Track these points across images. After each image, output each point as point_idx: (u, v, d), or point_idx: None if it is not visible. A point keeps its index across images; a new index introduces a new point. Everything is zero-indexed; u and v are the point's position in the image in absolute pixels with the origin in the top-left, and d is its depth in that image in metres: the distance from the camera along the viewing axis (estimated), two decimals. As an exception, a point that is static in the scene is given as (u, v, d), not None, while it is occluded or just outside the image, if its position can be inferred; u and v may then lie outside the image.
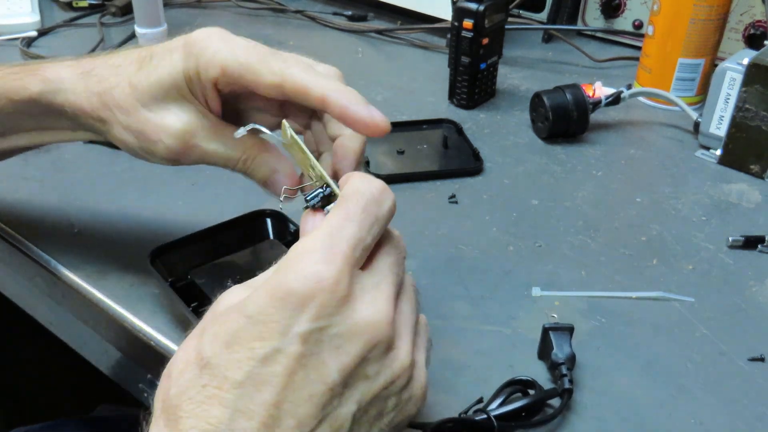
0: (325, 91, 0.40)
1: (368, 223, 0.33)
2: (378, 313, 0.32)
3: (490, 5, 0.72)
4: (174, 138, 0.41)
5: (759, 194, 0.63)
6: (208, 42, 0.41)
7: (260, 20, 1.01)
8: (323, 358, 0.31)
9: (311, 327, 0.30)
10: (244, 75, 0.40)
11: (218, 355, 0.30)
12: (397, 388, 0.33)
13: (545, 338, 0.44)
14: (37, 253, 0.54)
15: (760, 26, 0.81)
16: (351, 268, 0.32)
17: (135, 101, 0.42)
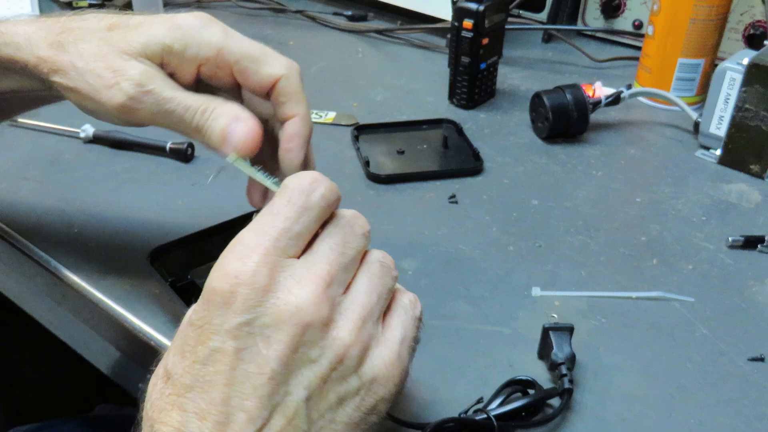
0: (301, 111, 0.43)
1: (294, 213, 0.34)
2: (302, 296, 0.32)
3: (490, 5, 0.72)
4: (131, 81, 0.40)
5: (759, 194, 0.63)
6: (204, 23, 0.41)
7: (260, 20, 1.01)
8: (258, 349, 0.31)
9: (238, 321, 0.31)
10: (241, 61, 0.41)
11: (175, 365, 0.32)
12: (349, 368, 0.33)
13: (545, 338, 0.44)
14: (37, 253, 0.54)
15: (760, 26, 0.81)
16: (273, 259, 0.33)
17: (98, 51, 0.40)
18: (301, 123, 0.42)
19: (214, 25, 0.41)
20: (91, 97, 0.41)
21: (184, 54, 0.40)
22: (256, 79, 0.41)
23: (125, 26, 0.41)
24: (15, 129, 0.70)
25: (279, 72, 0.41)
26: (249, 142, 0.40)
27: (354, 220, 0.37)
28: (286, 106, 0.42)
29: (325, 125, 0.73)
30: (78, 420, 0.70)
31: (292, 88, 0.42)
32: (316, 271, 0.33)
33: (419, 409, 0.42)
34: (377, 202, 0.61)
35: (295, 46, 0.93)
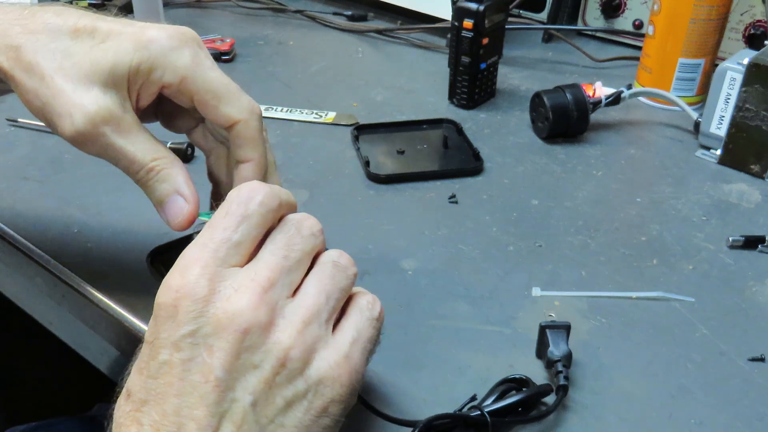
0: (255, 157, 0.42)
1: (233, 224, 0.34)
2: (239, 302, 0.33)
3: (490, 5, 0.72)
4: (84, 118, 0.38)
5: (759, 194, 0.63)
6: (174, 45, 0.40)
7: (260, 20, 1.01)
8: (203, 358, 0.32)
9: (182, 333, 0.32)
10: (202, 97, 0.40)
11: (134, 382, 0.33)
12: (293, 371, 0.33)
13: (542, 336, 0.44)
14: (37, 253, 0.54)
15: (760, 26, 0.81)
16: (212, 270, 0.33)
17: (58, 68, 0.38)
18: (254, 169, 0.43)
19: (184, 48, 0.40)
20: (47, 118, 0.39)
21: (149, 76, 0.40)
22: (215, 117, 0.41)
23: (91, 35, 0.39)
24: (15, 129, 0.70)
25: (238, 116, 0.41)
26: (183, 223, 0.41)
27: (301, 222, 0.36)
28: (241, 149, 0.42)
29: (325, 125, 0.73)
30: (76, 419, 0.70)
31: (249, 134, 0.42)
32: (255, 277, 0.33)
33: (419, 408, 0.42)
34: (377, 202, 0.61)
35: (295, 46, 0.93)
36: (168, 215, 0.41)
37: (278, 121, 0.73)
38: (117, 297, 0.49)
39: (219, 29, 0.96)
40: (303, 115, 0.74)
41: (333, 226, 0.39)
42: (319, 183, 0.63)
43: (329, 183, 0.64)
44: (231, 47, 0.87)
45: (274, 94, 0.80)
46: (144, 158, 0.40)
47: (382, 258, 0.40)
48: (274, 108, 0.75)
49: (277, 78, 0.83)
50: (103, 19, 0.40)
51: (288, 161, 0.66)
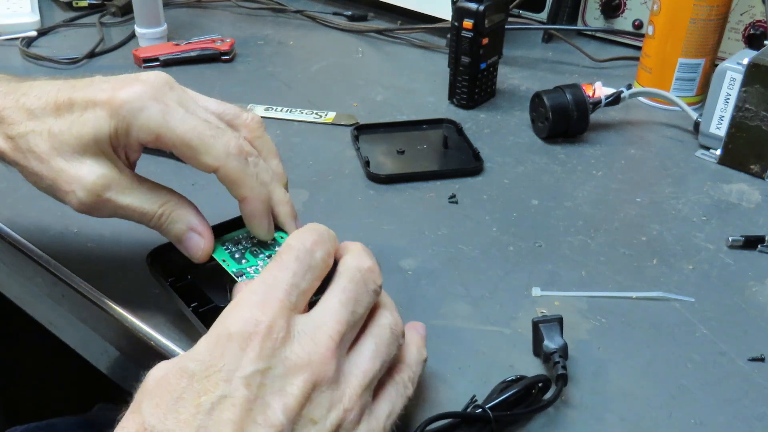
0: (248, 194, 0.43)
1: (301, 271, 0.35)
2: (316, 352, 0.32)
3: (490, 5, 0.72)
4: (87, 191, 0.41)
5: (759, 194, 0.63)
6: (142, 105, 0.41)
7: (260, 20, 1.01)
8: (267, 400, 0.31)
9: (253, 369, 0.31)
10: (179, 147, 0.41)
11: (163, 421, 0.30)
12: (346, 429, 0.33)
13: (536, 332, 0.44)
14: (37, 253, 0.54)
15: (760, 26, 0.81)
16: (287, 311, 0.33)
17: (51, 149, 0.41)
18: (251, 204, 0.43)
19: (153, 105, 0.41)
20: (54, 195, 0.42)
21: (128, 138, 0.41)
22: (196, 166, 0.42)
23: (69, 110, 0.41)
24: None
25: (214, 164, 0.42)
26: (203, 257, 0.43)
27: (368, 275, 0.37)
28: (232, 191, 0.43)
29: (325, 125, 0.73)
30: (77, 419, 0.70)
31: (232, 176, 0.42)
32: (327, 329, 0.33)
33: (419, 408, 0.42)
34: (377, 202, 0.61)
35: (295, 46, 0.93)
36: (189, 251, 0.43)
37: (278, 121, 0.74)
38: (117, 297, 0.49)
39: (219, 29, 0.96)
40: (303, 115, 0.74)
41: (333, 226, 0.39)
42: (319, 183, 0.63)
43: (329, 183, 0.64)
44: (231, 47, 0.87)
45: (274, 94, 0.80)
46: (152, 208, 0.42)
47: (382, 258, 0.40)
48: (274, 108, 0.75)
49: (277, 78, 0.83)
50: (79, 89, 0.42)
51: (288, 161, 0.65)
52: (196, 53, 0.86)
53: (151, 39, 0.88)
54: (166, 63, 0.85)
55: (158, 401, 0.31)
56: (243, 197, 0.43)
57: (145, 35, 0.88)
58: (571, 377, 0.44)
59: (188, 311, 0.43)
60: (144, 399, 0.31)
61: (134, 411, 0.31)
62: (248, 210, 0.44)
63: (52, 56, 0.85)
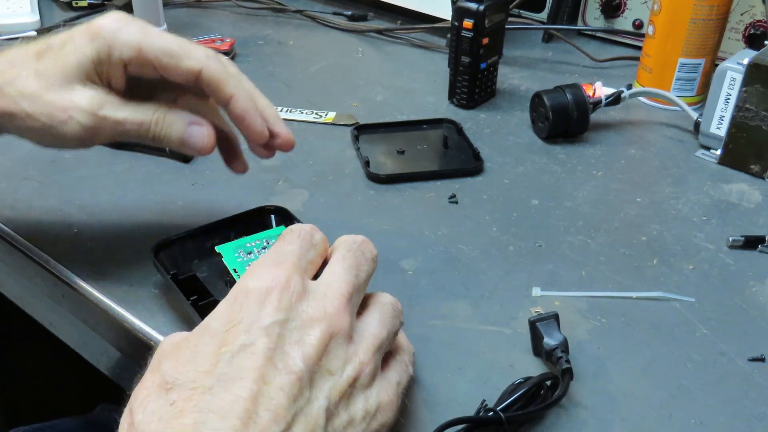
0: (234, 91, 0.44)
1: (306, 245, 0.37)
2: (330, 305, 0.34)
3: (490, 5, 0.72)
4: (83, 112, 0.42)
5: (759, 194, 0.63)
6: (120, 25, 0.43)
7: (260, 20, 1.01)
8: (287, 349, 0.32)
9: (272, 320, 0.32)
10: (160, 58, 0.43)
11: (183, 373, 0.31)
12: (360, 388, 0.34)
13: (534, 332, 0.44)
14: (37, 253, 0.54)
15: (760, 26, 0.81)
16: (300, 272, 0.35)
17: (39, 87, 0.42)
18: (240, 102, 0.44)
19: (131, 25, 0.43)
20: (50, 133, 0.43)
21: (110, 59, 0.43)
22: (179, 73, 0.44)
23: (50, 50, 0.43)
24: (15, 129, 0.70)
25: (197, 65, 0.43)
26: (210, 141, 0.44)
27: (364, 245, 0.39)
28: (218, 92, 0.44)
29: (325, 125, 0.73)
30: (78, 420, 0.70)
31: (215, 75, 0.44)
32: (337, 288, 0.35)
33: (419, 409, 0.42)
34: (377, 202, 0.61)
35: (295, 46, 0.93)
36: (195, 144, 0.44)
37: (278, 121, 0.73)
38: (117, 297, 0.49)
39: (219, 29, 0.96)
40: (303, 115, 0.74)
41: (333, 226, 0.39)
42: (319, 183, 0.63)
43: (329, 183, 0.64)
44: (231, 47, 0.87)
45: (274, 94, 0.79)
46: (147, 115, 0.43)
47: (382, 258, 0.40)
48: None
49: (277, 78, 0.83)
50: (55, 36, 0.44)
51: (288, 161, 0.66)
52: (196, 53, 0.86)
53: (151, 39, 0.88)
54: (166, 63, 0.85)
55: (177, 357, 0.32)
56: (230, 95, 0.44)
57: (145, 35, 0.88)
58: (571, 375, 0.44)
59: (187, 304, 0.44)
60: (163, 360, 0.32)
61: (153, 370, 0.32)
62: (239, 108, 0.45)
63: None
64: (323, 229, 0.40)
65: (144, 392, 0.31)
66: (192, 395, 0.30)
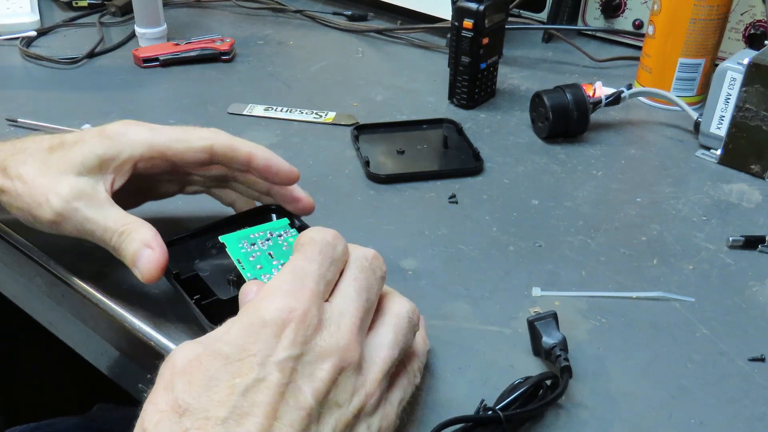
0: (250, 148, 0.47)
1: (327, 263, 0.37)
2: (342, 338, 0.34)
3: (490, 5, 0.72)
4: (59, 198, 0.43)
5: (759, 194, 0.63)
6: (128, 127, 0.46)
7: (260, 20, 1.01)
8: (299, 384, 0.32)
9: (287, 355, 0.32)
10: (171, 146, 0.45)
11: (197, 399, 0.31)
12: (364, 417, 0.34)
13: (533, 331, 0.44)
14: (37, 253, 0.54)
15: (760, 26, 0.81)
16: (318, 300, 0.35)
17: (36, 174, 0.44)
18: (260, 152, 0.47)
19: (138, 126, 0.46)
20: (30, 213, 0.44)
21: (119, 157, 0.45)
22: (192, 155, 0.46)
23: (62, 146, 0.45)
24: (15, 129, 0.70)
25: (208, 141, 0.46)
26: (153, 271, 0.43)
27: (374, 263, 0.39)
28: (236, 157, 0.47)
29: (325, 125, 0.73)
30: (76, 419, 0.70)
31: (227, 142, 0.47)
32: (349, 317, 0.35)
33: (418, 409, 0.42)
34: (377, 202, 0.61)
35: (295, 46, 0.93)
36: (140, 268, 0.43)
37: (278, 121, 0.73)
38: (117, 297, 0.49)
39: (219, 29, 0.96)
40: (303, 115, 0.74)
41: (333, 226, 0.39)
42: (319, 183, 0.63)
43: (329, 183, 0.64)
44: (231, 47, 0.87)
45: (274, 94, 0.80)
46: (116, 225, 0.44)
47: (382, 258, 0.40)
48: (274, 108, 0.75)
49: (277, 78, 0.83)
50: (70, 135, 0.46)
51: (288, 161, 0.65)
52: (196, 53, 0.86)
53: (151, 39, 0.88)
54: (166, 63, 0.85)
55: (190, 380, 0.32)
56: (247, 152, 0.46)
57: (145, 35, 0.88)
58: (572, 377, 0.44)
59: (191, 303, 0.44)
60: (175, 378, 0.32)
61: (166, 389, 0.32)
62: (261, 159, 0.47)
63: (52, 56, 0.85)
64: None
65: (158, 415, 0.31)
66: (205, 425, 0.30)
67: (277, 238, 0.46)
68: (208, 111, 0.75)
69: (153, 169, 0.47)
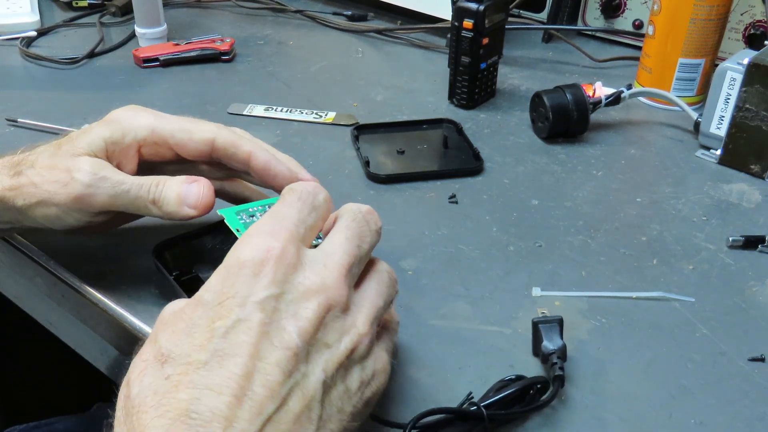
0: (252, 148, 0.46)
1: (306, 208, 0.36)
2: (328, 277, 0.33)
3: (490, 5, 0.72)
4: (84, 172, 0.43)
5: (759, 194, 0.63)
6: (134, 112, 0.46)
7: (260, 20, 1.01)
8: (283, 324, 0.31)
9: (267, 294, 0.32)
10: (175, 134, 0.45)
11: (179, 345, 0.31)
12: (358, 359, 0.34)
13: (535, 332, 0.44)
14: (37, 253, 0.54)
15: (760, 26, 0.81)
16: (296, 241, 0.34)
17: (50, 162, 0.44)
18: (260, 155, 0.46)
19: (144, 112, 0.46)
20: (53, 201, 0.43)
21: (124, 140, 0.45)
22: (193, 145, 0.45)
23: (70, 139, 0.45)
24: (15, 129, 0.70)
25: (210, 134, 0.46)
26: (208, 196, 0.43)
27: (369, 215, 0.39)
28: (236, 153, 0.46)
29: (325, 125, 0.73)
30: (76, 419, 0.70)
31: (230, 138, 0.46)
32: (336, 258, 0.35)
33: (418, 408, 0.41)
34: (377, 202, 0.61)
35: (295, 46, 0.93)
36: (191, 202, 0.43)
37: (278, 121, 0.73)
38: (117, 297, 0.49)
39: (219, 29, 0.96)
40: (303, 115, 0.74)
41: (333, 226, 0.40)
42: (320, 183, 0.63)
43: (329, 183, 0.63)
44: (231, 47, 0.87)
45: (274, 94, 0.80)
46: (148, 179, 0.44)
47: (382, 258, 0.40)
48: (274, 108, 0.75)
49: (277, 78, 0.83)
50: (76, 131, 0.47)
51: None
52: (196, 53, 0.86)
53: (151, 39, 0.88)
54: (166, 63, 0.85)
55: (173, 329, 0.32)
56: (248, 152, 0.45)
57: (145, 35, 0.88)
58: (571, 377, 0.44)
59: None
60: (159, 329, 0.32)
61: (151, 341, 0.32)
62: (261, 160, 0.45)
63: (52, 56, 0.85)
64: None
65: (141, 365, 0.31)
66: (187, 370, 0.30)
67: None
68: (208, 111, 0.75)
69: (157, 157, 0.47)
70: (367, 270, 0.38)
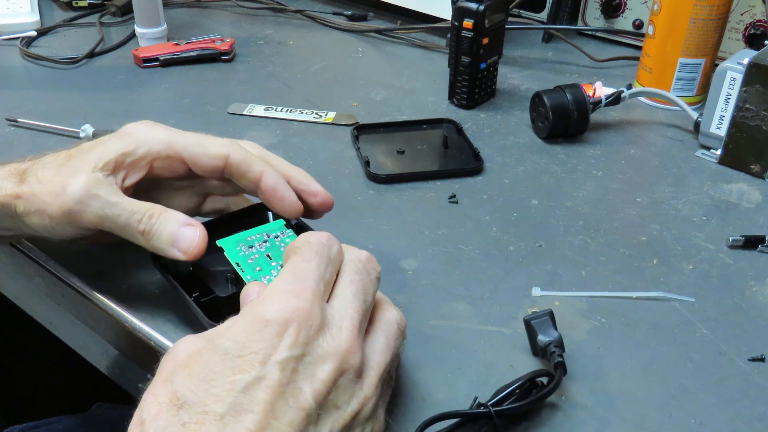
0: (263, 169, 0.46)
1: (323, 263, 0.37)
2: (344, 341, 0.34)
3: (490, 5, 0.72)
4: (76, 186, 0.42)
5: (759, 194, 0.63)
6: (149, 126, 0.46)
7: (260, 20, 1.01)
8: (299, 385, 0.32)
9: (289, 355, 0.32)
10: (189, 148, 0.45)
11: (196, 392, 0.31)
12: (361, 421, 0.35)
13: (529, 330, 0.44)
14: (37, 253, 0.54)
15: (760, 26, 0.81)
16: (320, 300, 0.35)
17: (54, 174, 0.44)
18: (270, 177, 0.46)
19: (158, 126, 0.46)
20: (47, 212, 0.43)
21: (136, 152, 0.45)
22: (207, 160, 0.45)
23: (80, 152, 0.45)
24: (15, 129, 0.70)
25: (225, 150, 0.46)
26: (200, 246, 0.42)
27: (368, 264, 0.39)
28: (248, 172, 0.46)
29: (325, 125, 0.73)
30: (75, 418, 0.70)
31: (242, 156, 0.46)
32: (349, 319, 0.35)
33: (418, 408, 0.42)
34: (377, 202, 0.61)
35: (295, 46, 0.93)
36: (183, 246, 0.42)
37: (278, 121, 0.73)
38: (117, 297, 0.49)
39: (219, 29, 0.96)
40: (303, 115, 0.74)
41: (333, 226, 0.40)
42: (319, 183, 0.63)
43: (329, 183, 0.63)
44: (231, 47, 0.87)
45: (274, 94, 0.80)
46: (143, 207, 0.43)
47: (382, 258, 0.40)
48: (274, 108, 0.75)
49: (277, 78, 0.83)
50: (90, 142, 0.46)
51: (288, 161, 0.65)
52: (196, 53, 0.86)
53: (151, 39, 0.88)
54: (166, 63, 0.85)
55: (190, 373, 0.32)
56: (260, 171, 0.45)
57: (145, 35, 0.88)
58: (571, 377, 0.44)
59: (189, 301, 0.44)
60: (176, 370, 0.32)
61: (165, 380, 0.32)
62: (271, 182, 0.45)
63: (52, 56, 0.85)
64: (323, 229, 0.40)
65: (156, 407, 0.31)
66: (203, 419, 0.30)
67: (274, 240, 0.46)
68: (208, 111, 0.75)
69: (169, 172, 0.46)
70: (374, 317, 0.38)
